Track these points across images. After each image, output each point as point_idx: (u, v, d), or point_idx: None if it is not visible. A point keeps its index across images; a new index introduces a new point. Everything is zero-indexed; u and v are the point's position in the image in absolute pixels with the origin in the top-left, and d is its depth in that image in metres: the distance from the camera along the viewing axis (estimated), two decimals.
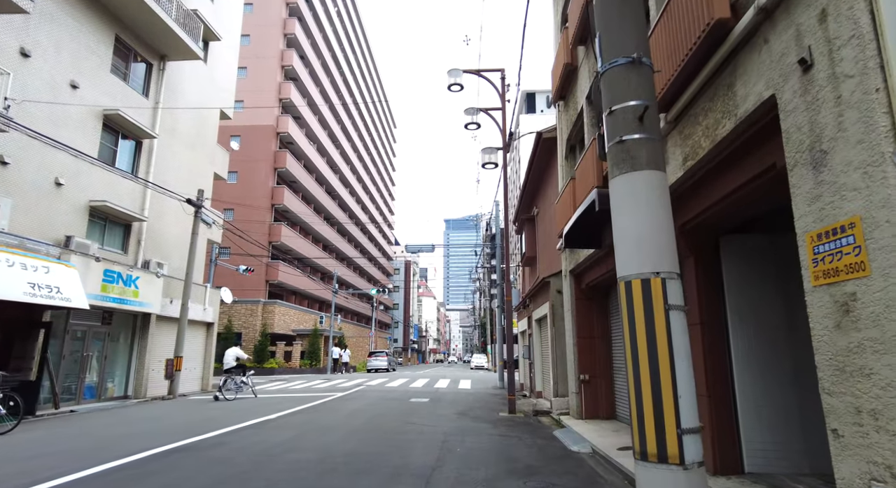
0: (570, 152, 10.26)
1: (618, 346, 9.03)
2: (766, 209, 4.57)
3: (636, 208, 2.81)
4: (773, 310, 4.94)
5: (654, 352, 2.61)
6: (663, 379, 2.55)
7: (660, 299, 2.65)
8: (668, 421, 2.51)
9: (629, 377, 2.71)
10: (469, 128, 11.86)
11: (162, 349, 15.72)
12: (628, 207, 2.84)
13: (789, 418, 4.73)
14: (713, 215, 4.72)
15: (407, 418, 9.86)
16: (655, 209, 2.78)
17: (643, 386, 2.60)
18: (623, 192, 2.88)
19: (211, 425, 8.70)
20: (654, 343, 2.61)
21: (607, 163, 3.10)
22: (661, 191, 2.82)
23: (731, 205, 4.40)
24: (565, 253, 10.29)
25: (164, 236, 16.79)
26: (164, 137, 16.81)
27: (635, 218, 2.80)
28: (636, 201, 2.81)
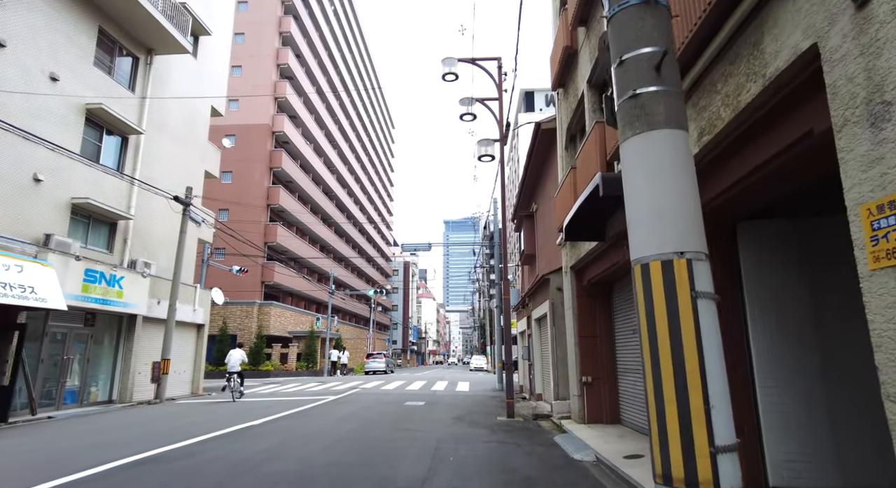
0: (571, 142, 9.76)
1: (622, 346, 8.53)
2: (790, 190, 4.06)
3: (654, 175, 2.30)
4: (798, 303, 4.42)
5: (678, 351, 2.10)
6: (691, 385, 2.04)
7: (685, 285, 2.14)
8: (698, 436, 2.00)
9: (647, 383, 2.20)
10: (464, 119, 11.38)
11: (149, 352, 15.19)
12: (644, 174, 2.34)
13: (819, 425, 4.21)
14: (731, 198, 4.22)
15: (400, 423, 9.34)
16: (678, 175, 2.27)
17: (665, 393, 2.09)
18: (638, 156, 2.37)
19: (190, 432, 8.18)
20: (678, 340, 2.11)
21: (617, 126, 2.60)
22: (683, 154, 2.31)
23: (753, 186, 3.89)
24: (566, 248, 9.79)
25: (152, 235, 16.28)
26: (151, 133, 16.31)
27: (653, 186, 2.29)
28: (654, 166, 2.31)
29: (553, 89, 10.03)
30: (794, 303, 4.44)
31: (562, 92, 9.97)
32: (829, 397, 4.23)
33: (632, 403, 8.08)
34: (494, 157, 11.30)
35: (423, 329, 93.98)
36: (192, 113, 18.87)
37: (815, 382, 4.29)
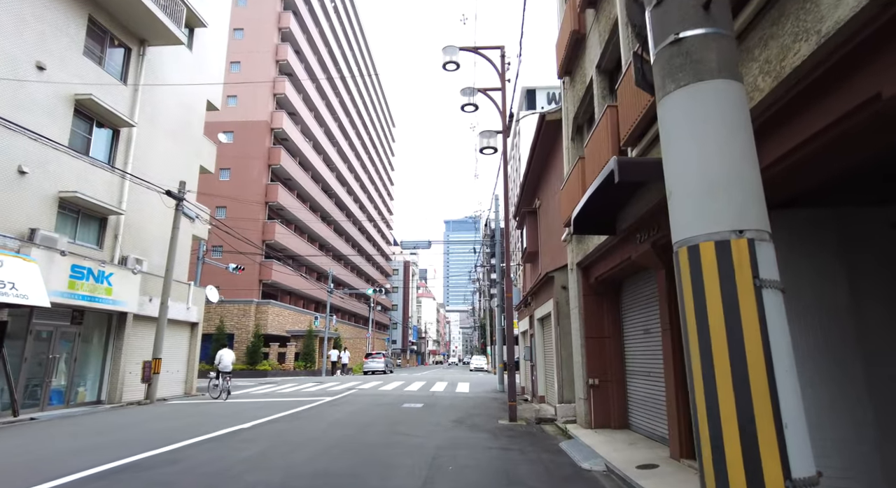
0: (577, 133, 9.30)
1: (631, 347, 8.07)
2: (837, 171, 3.60)
3: (704, 136, 1.85)
4: (834, 299, 3.96)
5: (739, 356, 1.65)
6: (757, 400, 1.59)
7: (746, 271, 1.69)
8: (769, 467, 1.55)
9: (696, 396, 1.75)
10: (466, 110, 10.93)
11: (140, 350, 14.75)
12: (691, 135, 1.88)
13: (864, 440, 3.75)
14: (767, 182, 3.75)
15: (396, 427, 8.89)
16: (734, 135, 1.82)
17: (722, 409, 1.64)
18: (683, 114, 1.92)
19: (175, 436, 7.73)
20: (738, 342, 1.66)
21: (653, 82, 2.14)
22: (740, 109, 1.86)
23: (789, 169, 3.43)
24: (571, 244, 9.33)
25: (145, 231, 15.83)
26: (144, 127, 15.87)
27: (704, 150, 1.84)
28: (704, 125, 1.85)
29: (559, 77, 9.57)
30: (830, 300, 3.97)
31: (568, 80, 9.51)
32: (874, 407, 3.77)
33: (641, 407, 7.62)
34: (497, 149, 10.85)
35: (423, 329, 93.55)
36: (187, 106, 18.42)
37: (856, 388, 3.83)
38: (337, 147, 49.92)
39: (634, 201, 5.89)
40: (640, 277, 7.55)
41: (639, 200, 5.75)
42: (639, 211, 5.75)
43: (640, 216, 5.74)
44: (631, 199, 6.02)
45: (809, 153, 3.12)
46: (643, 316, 7.50)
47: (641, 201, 5.65)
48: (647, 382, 7.31)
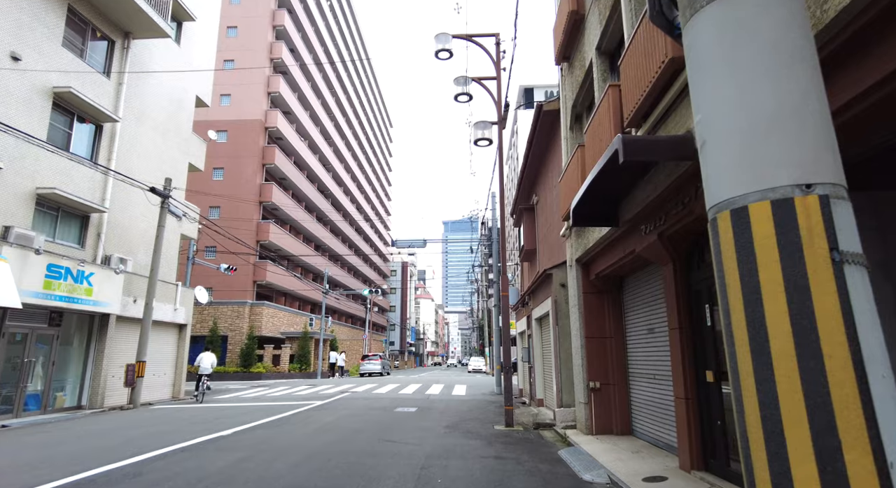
0: (576, 121, 8.82)
1: (635, 348, 7.58)
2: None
3: (751, 60, 1.36)
4: None
5: (814, 357, 1.15)
6: (844, 423, 1.10)
7: (820, 241, 1.20)
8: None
9: (747, 412, 1.26)
10: (459, 101, 10.45)
11: (123, 353, 14.23)
12: (730, 61, 1.39)
13: None
14: None
15: (386, 434, 8.38)
16: (793, 58, 1.33)
17: (792, 435, 1.15)
18: (718, 34, 1.43)
19: (149, 444, 7.22)
20: (811, 339, 1.16)
21: (677, 4, 1.65)
22: (797, 25, 1.37)
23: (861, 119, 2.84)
24: (570, 239, 8.85)
25: (130, 230, 15.32)
26: (130, 122, 15.37)
27: (749, 79, 1.36)
28: (750, 46, 1.36)
29: (557, 63, 9.09)
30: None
31: (566, 66, 9.03)
32: None
33: (646, 412, 7.13)
34: (492, 141, 10.36)
35: (421, 330, 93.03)
36: (176, 102, 17.93)
37: None
38: (333, 146, 49.42)
39: (639, 188, 5.41)
40: (644, 273, 7.07)
41: (644, 187, 5.26)
42: (644, 199, 5.26)
43: (646, 205, 5.25)
44: (635, 187, 5.54)
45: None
46: (647, 314, 7.02)
47: (647, 188, 5.16)
48: (652, 385, 6.82)
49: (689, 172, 4.28)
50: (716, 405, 4.80)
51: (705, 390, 5.04)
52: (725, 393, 4.70)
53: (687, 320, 5.29)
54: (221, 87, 36.11)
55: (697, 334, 5.19)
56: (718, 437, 4.77)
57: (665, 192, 4.79)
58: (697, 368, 5.14)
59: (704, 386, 5.05)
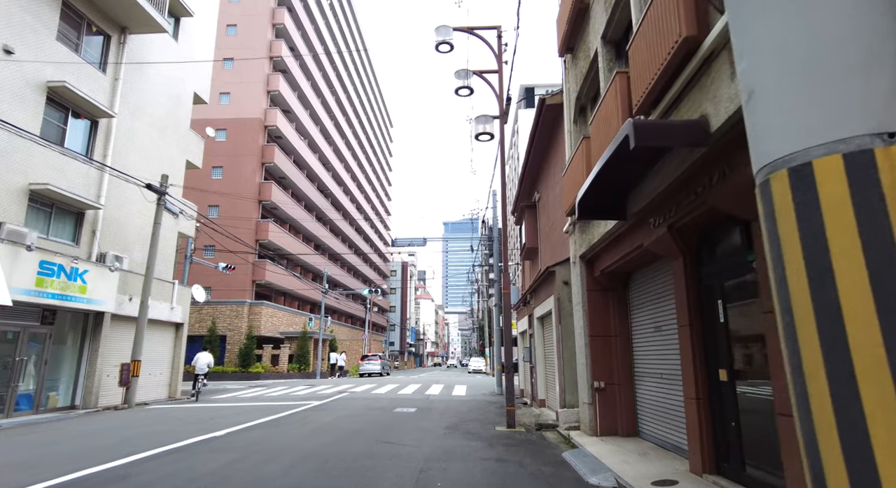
0: (580, 114, 8.60)
1: (641, 346, 7.35)
2: None
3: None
4: None
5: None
6: None
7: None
8: None
9: (809, 402, 1.02)
10: (460, 94, 10.22)
11: (118, 352, 14.00)
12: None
13: None
14: None
15: (384, 435, 8.15)
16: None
17: (874, 417, 0.92)
18: None
19: (140, 445, 7.00)
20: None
21: None
22: None
23: None
24: (574, 235, 8.62)
25: (126, 227, 15.09)
26: (126, 118, 15.15)
27: (808, 7, 1.12)
28: None
29: (560, 55, 8.87)
30: None
31: (570, 58, 8.81)
32: None
33: (652, 413, 6.90)
34: (493, 136, 10.14)
35: (421, 330, 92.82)
36: (174, 99, 17.72)
37: None
38: (333, 146, 49.22)
39: (648, 179, 5.18)
40: (652, 269, 6.85)
41: (654, 178, 5.04)
42: (653, 190, 5.04)
43: (655, 196, 5.03)
44: (644, 178, 5.31)
45: None
46: (654, 311, 6.79)
47: (657, 178, 4.94)
48: (660, 385, 6.60)
49: (702, 160, 4.06)
50: (730, 405, 4.57)
51: (718, 390, 4.81)
52: (741, 392, 4.47)
53: (698, 317, 5.07)
54: (221, 85, 35.94)
55: (709, 331, 4.97)
56: (733, 439, 4.54)
57: (676, 182, 4.57)
58: (709, 367, 4.92)
59: (717, 385, 4.82)
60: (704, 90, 3.85)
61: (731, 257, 4.57)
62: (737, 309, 4.59)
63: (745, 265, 4.28)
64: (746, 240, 4.30)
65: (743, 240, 4.36)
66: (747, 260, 4.24)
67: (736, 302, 4.59)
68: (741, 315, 4.52)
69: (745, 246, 4.33)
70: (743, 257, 4.32)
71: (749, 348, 4.38)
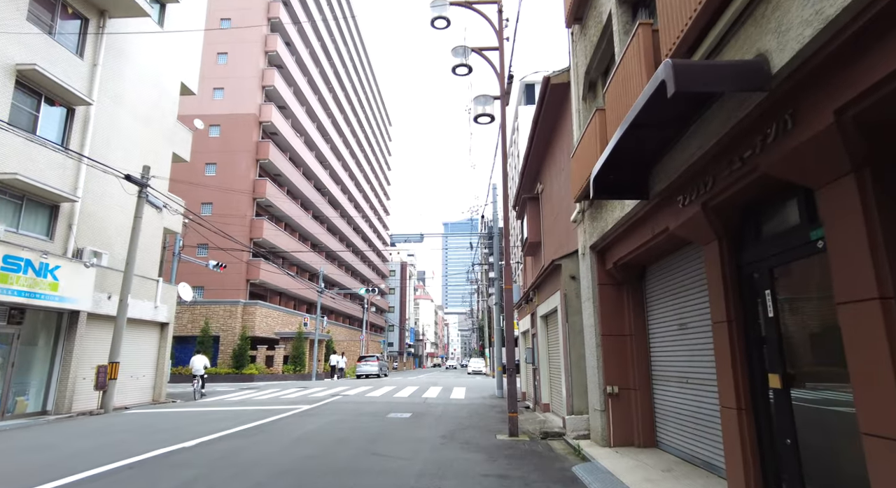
0: (590, 90, 7.80)
1: (659, 347, 6.54)
2: None
3: None
4: None
5: None
6: None
7: None
8: None
9: None
10: (458, 73, 9.41)
11: (95, 354, 13.19)
12: None
13: None
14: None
15: (374, 445, 7.34)
16: None
17: None
18: None
19: (94, 459, 6.19)
20: None
21: None
22: None
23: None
24: (583, 224, 7.82)
25: (106, 222, 14.28)
26: (106, 107, 14.35)
27: None
28: None
29: (567, 26, 8.07)
30: None
31: (577, 29, 8.01)
32: None
33: (675, 422, 6.09)
34: (494, 118, 9.33)
35: (420, 331, 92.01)
36: (159, 88, 16.92)
37: None
38: (330, 143, 48.41)
39: (679, 148, 4.38)
40: (674, 259, 6.04)
41: (686, 144, 4.23)
42: (686, 160, 4.24)
43: (688, 167, 4.22)
44: (672, 148, 4.51)
45: None
46: (677, 307, 5.98)
47: (692, 143, 4.14)
48: (684, 390, 5.79)
49: (758, 112, 3.26)
50: (784, 418, 3.75)
51: (765, 398, 4.00)
52: (799, 402, 3.65)
53: (739, 311, 4.26)
54: (215, 80, 35.15)
55: (753, 328, 4.16)
56: (788, 460, 3.73)
57: (717, 146, 3.76)
58: (754, 371, 4.11)
59: (763, 393, 4.01)
60: (762, 22, 3.05)
61: (784, 237, 3.76)
62: (792, 300, 3.78)
63: (807, 245, 3.47)
64: (808, 213, 3.49)
65: (804, 215, 3.55)
66: (809, 238, 3.43)
67: (791, 291, 3.79)
68: (798, 307, 3.72)
69: (806, 221, 3.52)
70: (803, 235, 3.52)
71: (811, 348, 3.57)
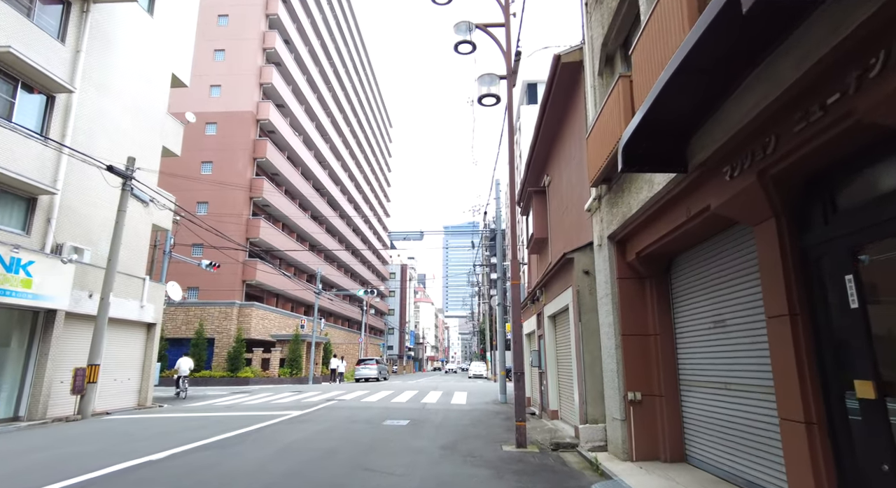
0: (608, 64, 7.05)
1: (689, 347, 5.76)
2: None
3: None
4: None
5: None
6: None
7: None
8: None
9: None
10: (460, 51, 8.68)
11: (74, 355, 12.42)
12: None
13: None
14: None
15: (365, 457, 6.56)
16: None
17: None
18: None
19: (42, 476, 5.42)
20: None
21: None
22: None
23: None
24: (600, 212, 7.05)
25: (90, 217, 13.53)
26: (90, 95, 13.62)
27: None
28: None
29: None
30: None
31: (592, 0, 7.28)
32: None
33: (708, 433, 5.31)
34: (499, 99, 8.58)
35: (420, 334, 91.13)
36: (148, 79, 16.21)
37: None
38: (330, 143, 47.73)
39: (733, 101, 3.61)
40: (708, 246, 5.27)
41: (739, 101, 3.47)
42: (738, 120, 3.48)
43: (742, 127, 3.46)
44: (721, 107, 3.74)
45: None
46: (712, 301, 5.21)
47: (746, 100, 3.37)
48: (722, 397, 5.01)
49: (857, 36, 2.49)
50: (879, 437, 2.97)
51: (842, 411, 3.23)
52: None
53: (804, 303, 3.49)
54: (211, 77, 34.51)
55: (825, 324, 3.38)
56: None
57: (788, 93, 3.00)
58: (828, 376, 3.33)
59: (840, 404, 3.24)
60: None
61: (877, 206, 2.99)
62: (885, 287, 3.01)
63: None
64: None
65: None
66: None
67: (884, 277, 3.02)
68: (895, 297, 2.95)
69: None
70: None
71: None
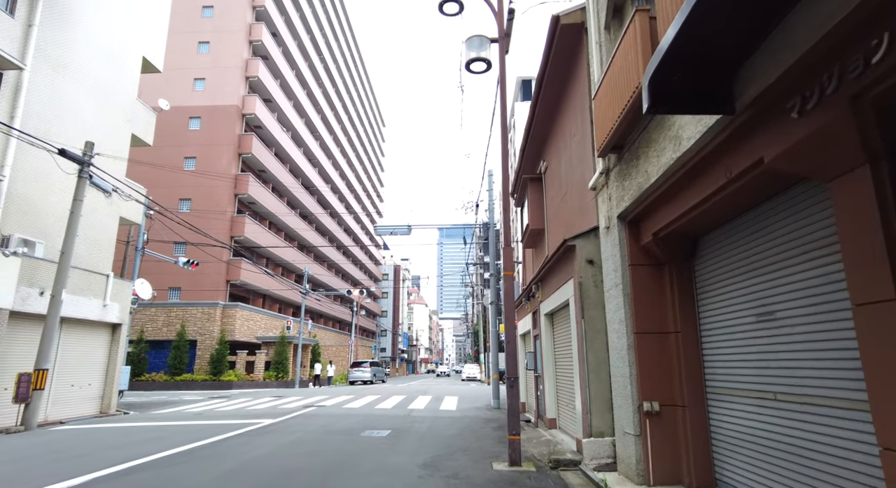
0: (615, 16, 6.02)
1: (716, 347, 4.72)
2: None
3: None
4: None
5: None
6: None
7: None
8: None
9: None
10: (445, 13, 7.59)
11: (21, 359, 11.24)
12: None
13: None
14: None
15: (331, 480, 5.47)
16: None
17: None
18: None
19: None
20: None
21: None
22: None
23: None
24: (608, 189, 6.01)
25: (44, 208, 12.36)
26: (45, 75, 12.46)
27: None
28: None
29: None
30: None
31: None
32: None
33: (747, 453, 4.27)
34: (490, 65, 7.53)
35: (414, 336, 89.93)
36: (116, 61, 15.07)
37: None
38: (320, 141, 46.58)
39: (795, 18, 2.56)
40: (747, 219, 4.22)
41: (811, 7, 2.42)
42: (813, 29, 2.43)
43: (827, 34, 2.42)
44: (778, 24, 2.70)
45: None
46: (754, 289, 4.17)
47: (821, 5, 2.33)
48: (767, 410, 3.96)
49: None
50: None
51: None
52: None
53: None
54: (195, 70, 33.34)
55: None
56: None
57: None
58: None
59: None
60: None
61: None
62: None
63: None
64: None
65: None
66: None
67: None
68: None
69: None
70: None
71: None
